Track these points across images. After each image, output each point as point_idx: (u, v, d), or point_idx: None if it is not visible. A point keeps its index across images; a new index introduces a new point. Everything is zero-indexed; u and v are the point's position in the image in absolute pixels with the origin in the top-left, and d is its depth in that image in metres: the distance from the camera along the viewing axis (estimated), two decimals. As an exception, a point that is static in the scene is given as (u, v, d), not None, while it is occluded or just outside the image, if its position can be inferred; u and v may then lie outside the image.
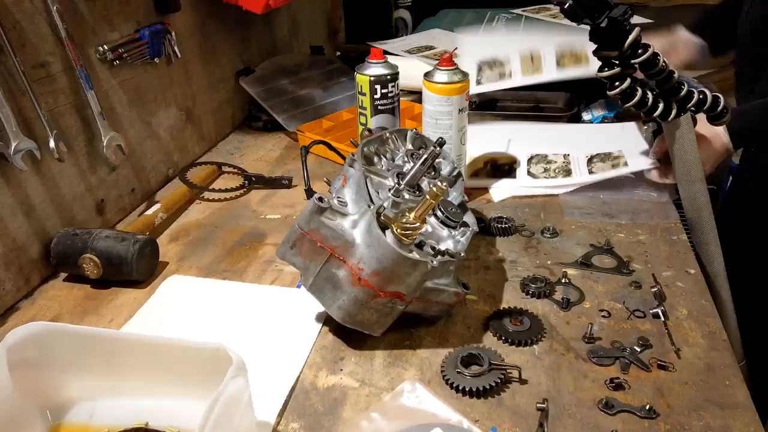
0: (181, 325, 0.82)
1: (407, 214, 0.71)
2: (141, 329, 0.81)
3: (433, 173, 0.85)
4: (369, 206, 0.72)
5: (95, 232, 0.90)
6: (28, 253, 0.89)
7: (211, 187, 1.18)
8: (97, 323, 0.83)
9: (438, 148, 0.79)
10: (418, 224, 0.70)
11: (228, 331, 0.80)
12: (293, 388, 0.70)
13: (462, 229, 0.83)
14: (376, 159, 0.84)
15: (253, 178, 1.19)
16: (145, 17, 1.11)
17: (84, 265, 0.87)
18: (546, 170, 1.15)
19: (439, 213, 0.81)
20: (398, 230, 0.70)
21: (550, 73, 1.32)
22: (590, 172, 1.12)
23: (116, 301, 0.88)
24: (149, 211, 1.05)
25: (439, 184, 0.70)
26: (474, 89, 1.31)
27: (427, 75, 1.00)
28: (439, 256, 0.74)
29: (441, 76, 0.98)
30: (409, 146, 0.89)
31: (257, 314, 0.83)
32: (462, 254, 0.78)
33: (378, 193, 0.78)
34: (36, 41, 0.88)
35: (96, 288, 0.90)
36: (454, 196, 0.90)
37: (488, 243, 0.96)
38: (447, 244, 0.80)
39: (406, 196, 0.78)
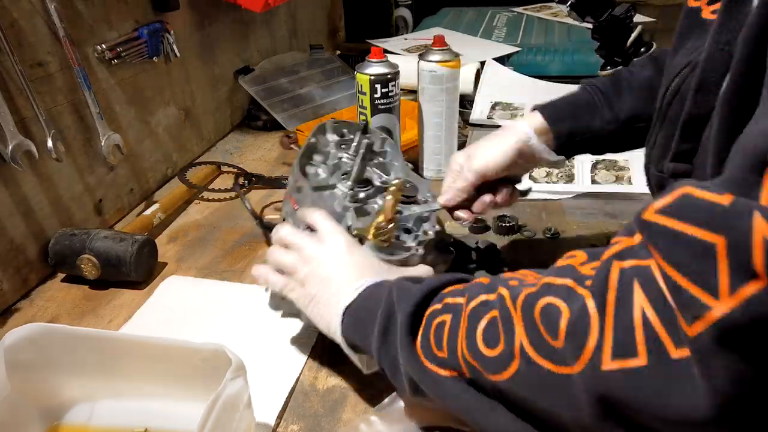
0: (180, 326, 0.81)
1: (377, 216, 0.70)
2: (139, 330, 0.80)
3: (377, 160, 0.82)
4: None
5: (93, 233, 0.89)
6: (26, 254, 0.89)
7: (210, 187, 1.18)
8: (95, 324, 0.82)
9: (364, 135, 0.75)
10: (389, 225, 0.69)
11: (227, 332, 0.80)
12: (293, 390, 0.70)
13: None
14: (314, 170, 0.81)
15: (253, 178, 1.18)
16: (143, 16, 1.11)
17: (82, 266, 0.87)
18: (548, 174, 1.14)
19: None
20: (374, 238, 0.69)
21: None
22: (593, 180, 1.11)
23: (115, 301, 0.87)
24: (148, 211, 1.04)
25: (395, 181, 0.70)
26: (484, 122, 1.40)
27: (422, 56, 1.10)
28: (420, 238, 0.73)
29: (434, 55, 1.08)
30: (335, 137, 0.85)
31: (257, 315, 0.82)
32: (431, 232, 0.74)
33: (335, 206, 0.75)
34: (34, 40, 0.87)
35: (94, 289, 0.90)
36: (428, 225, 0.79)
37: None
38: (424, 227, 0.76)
39: (362, 195, 0.76)
